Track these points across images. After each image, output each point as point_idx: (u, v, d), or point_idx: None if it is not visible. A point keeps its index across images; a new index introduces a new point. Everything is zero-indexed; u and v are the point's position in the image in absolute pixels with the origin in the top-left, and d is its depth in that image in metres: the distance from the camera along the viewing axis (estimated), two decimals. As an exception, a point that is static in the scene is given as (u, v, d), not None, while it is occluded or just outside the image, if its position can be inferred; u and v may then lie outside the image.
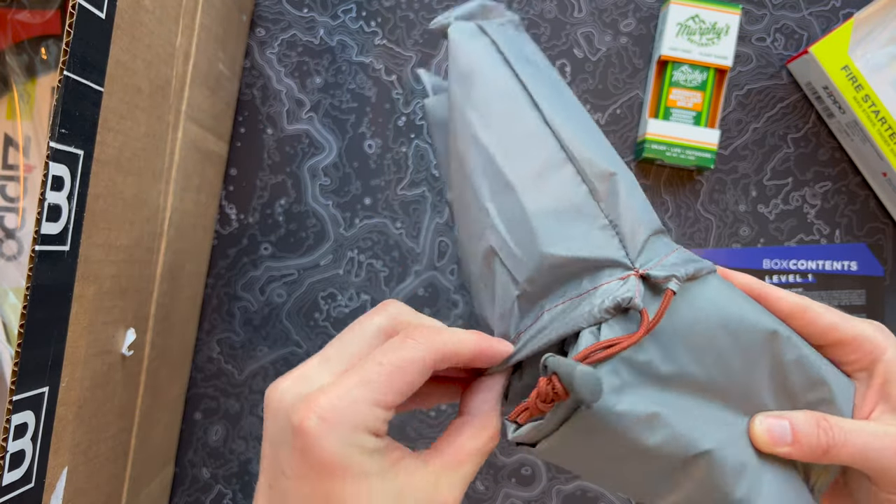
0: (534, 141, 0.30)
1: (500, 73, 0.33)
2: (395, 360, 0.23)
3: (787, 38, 0.52)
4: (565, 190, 0.29)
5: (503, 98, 0.32)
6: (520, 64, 0.33)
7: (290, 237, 0.51)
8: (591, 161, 0.29)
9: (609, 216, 0.28)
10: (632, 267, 0.27)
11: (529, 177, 0.29)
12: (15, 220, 0.43)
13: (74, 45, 0.26)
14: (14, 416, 0.26)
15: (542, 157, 0.29)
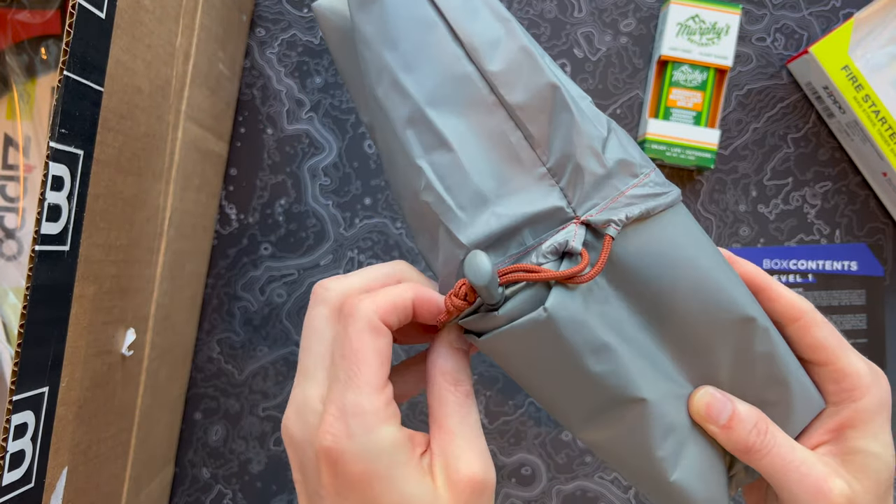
0: (461, 83, 0.26)
1: (416, 16, 0.27)
2: (352, 347, 0.24)
3: (787, 38, 0.52)
4: (501, 138, 0.26)
5: (419, 30, 0.27)
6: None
7: (290, 237, 0.51)
8: (524, 89, 0.26)
9: (547, 163, 0.26)
10: (573, 215, 0.26)
11: (463, 129, 0.26)
12: (15, 220, 0.43)
13: (74, 45, 0.26)
14: (14, 416, 0.26)
15: (471, 101, 0.26)
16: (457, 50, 0.26)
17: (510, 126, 0.26)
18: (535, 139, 0.26)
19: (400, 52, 0.27)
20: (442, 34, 0.27)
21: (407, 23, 0.27)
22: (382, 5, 0.27)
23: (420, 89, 0.27)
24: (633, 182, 0.26)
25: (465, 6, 0.27)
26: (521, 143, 0.26)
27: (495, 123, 0.26)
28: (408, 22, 0.27)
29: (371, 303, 0.24)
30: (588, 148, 0.25)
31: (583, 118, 0.26)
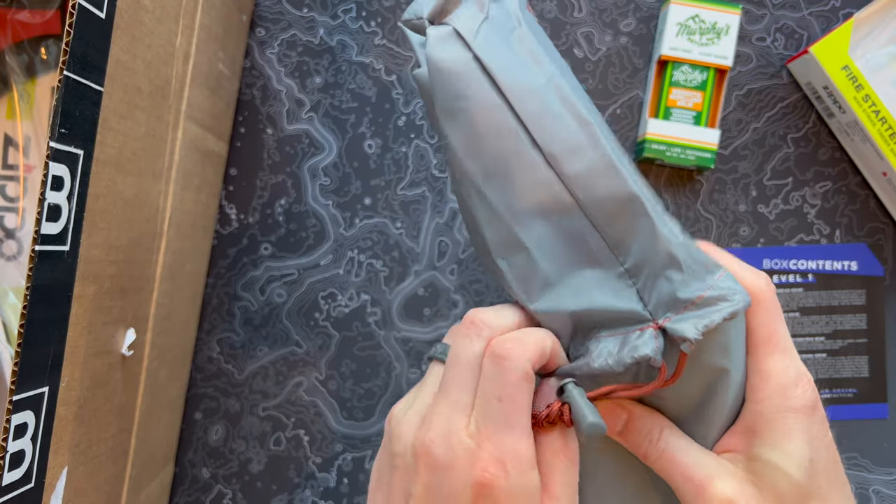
0: (540, 188, 0.27)
1: (487, 104, 0.27)
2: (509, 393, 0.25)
3: (787, 37, 0.52)
4: (580, 239, 0.27)
5: (497, 137, 0.27)
6: (512, 82, 0.27)
7: (290, 237, 0.51)
8: (604, 200, 0.26)
9: (625, 264, 0.26)
10: (650, 319, 0.26)
11: (541, 231, 0.27)
12: (15, 220, 0.43)
13: (74, 45, 0.26)
14: (14, 416, 0.26)
15: (550, 203, 0.27)
16: (536, 157, 0.27)
17: (588, 227, 0.27)
18: (612, 241, 0.26)
19: (481, 163, 0.27)
20: (522, 141, 0.27)
21: (489, 131, 0.27)
22: (468, 115, 0.27)
23: (500, 197, 0.27)
24: (706, 287, 0.26)
25: (546, 111, 0.27)
26: (600, 244, 0.27)
27: (574, 224, 0.27)
28: (489, 130, 0.27)
29: (524, 350, 0.26)
30: (667, 254, 0.26)
31: (661, 224, 0.26)
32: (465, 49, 0.27)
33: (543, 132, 0.26)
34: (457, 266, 0.51)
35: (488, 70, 0.27)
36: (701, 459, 0.27)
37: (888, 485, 0.52)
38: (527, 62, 0.27)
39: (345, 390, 0.51)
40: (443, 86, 0.28)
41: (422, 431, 0.26)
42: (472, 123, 0.27)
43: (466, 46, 0.27)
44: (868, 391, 0.52)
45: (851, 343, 0.52)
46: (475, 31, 0.27)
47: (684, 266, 0.26)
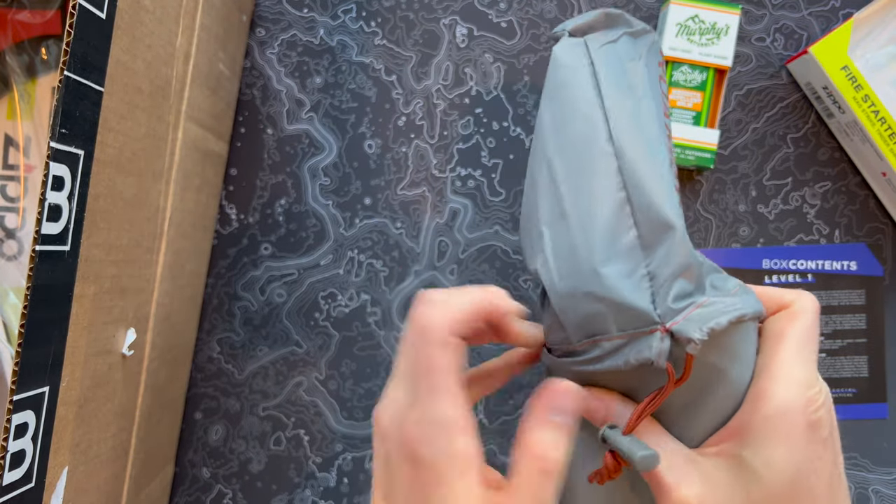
0: (600, 174, 0.29)
1: (585, 96, 0.31)
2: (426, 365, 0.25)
3: (787, 38, 0.52)
4: (617, 229, 0.28)
5: (581, 122, 0.31)
6: (611, 90, 0.31)
7: (290, 237, 0.51)
8: (649, 207, 0.28)
9: (649, 266, 0.28)
10: (659, 322, 0.27)
11: (585, 210, 0.29)
12: (15, 220, 0.43)
13: (75, 45, 0.26)
14: (14, 415, 0.26)
15: (603, 191, 0.29)
16: (607, 147, 0.30)
17: (630, 223, 0.29)
18: (645, 241, 0.28)
19: (560, 139, 0.31)
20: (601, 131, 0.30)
21: (577, 116, 0.31)
22: (566, 99, 0.32)
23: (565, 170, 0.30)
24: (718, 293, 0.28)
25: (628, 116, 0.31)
26: (635, 241, 0.28)
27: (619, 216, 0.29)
28: (578, 115, 0.31)
29: (442, 312, 0.26)
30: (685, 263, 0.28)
31: (685, 237, 0.28)
32: (586, 55, 0.32)
33: (621, 130, 0.30)
34: (457, 266, 0.51)
35: (597, 73, 0.32)
36: (673, 460, 0.27)
37: (888, 485, 0.52)
38: (626, 85, 0.32)
39: (345, 390, 0.51)
40: (555, 73, 0.33)
41: (378, 404, 0.27)
42: (567, 105, 0.32)
43: (587, 54, 0.32)
44: (867, 391, 0.52)
45: (851, 343, 0.52)
46: (599, 46, 0.33)
47: (698, 274, 0.28)
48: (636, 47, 0.34)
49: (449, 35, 0.51)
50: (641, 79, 0.32)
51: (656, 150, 0.30)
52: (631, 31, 0.34)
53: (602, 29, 0.34)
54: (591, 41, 0.33)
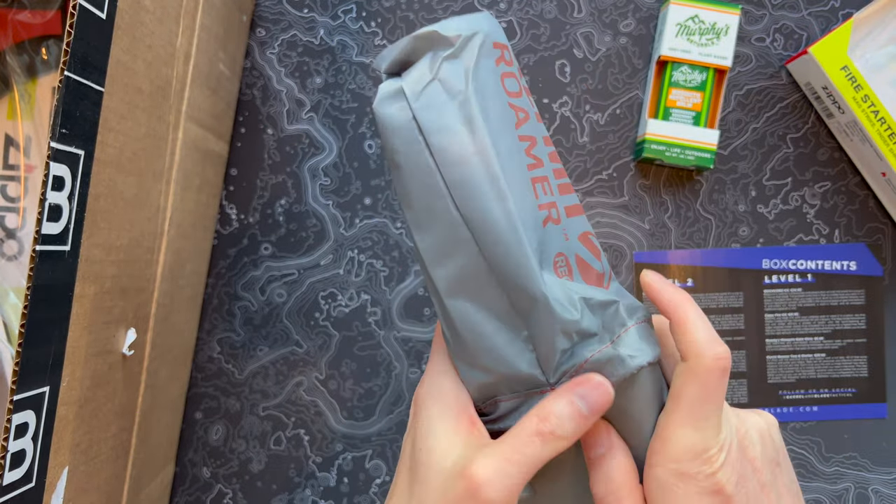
0: (459, 248, 0.28)
1: (420, 165, 0.28)
2: None
3: (787, 38, 0.52)
4: (489, 299, 0.28)
5: (427, 196, 0.28)
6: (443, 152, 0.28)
7: (290, 237, 0.51)
8: (508, 276, 0.28)
9: (530, 330, 0.28)
10: (546, 383, 0.28)
11: (456, 284, 0.29)
12: (15, 220, 0.43)
13: (75, 45, 0.27)
14: (15, 415, 0.26)
15: (465, 264, 0.28)
16: (458, 219, 0.28)
17: (499, 292, 0.28)
18: (518, 309, 0.28)
19: (413, 213, 0.29)
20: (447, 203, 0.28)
21: (420, 190, 0.29)
22: (403, 170, 0.29)
23: (426, 247, 0.29)
24: (598, 348, 0.28)
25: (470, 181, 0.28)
26: (509, 310, 0.28)
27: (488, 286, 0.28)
28: (421, 189, 0.29)
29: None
30: (560, 327, 0.27)
31: (556, 304, 0.27)
32: (407, 110, 0.29)
33: (463, 199, 0.28)
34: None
35: (424, 133, 0.28)
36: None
37: (888, 484, 0.52)
38: (460, 130, 0.28)
39: (345, 390, 0.51)
40: (386, 139, 0.29)
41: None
42: (406, 179, 0.29)
43: (409, 108, 0.29)
44: (867, 391, 0.52)
45: (850, 343, 0.52)
46: (419, 92, 0.28)
47: (580, 331, 0.27)
48: (459, 69, 0.29)
49: (449, 35, 0.51)
50: (472, 114, 0.28)
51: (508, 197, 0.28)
52: (449, 53, 0.29)
53: (420, 57, 0.29)
54: (409, 87, 0.29)
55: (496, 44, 0.29)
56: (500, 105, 0.29)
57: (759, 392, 0.52)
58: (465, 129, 0.28)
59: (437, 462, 0.27)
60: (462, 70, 0.28)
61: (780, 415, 0.52)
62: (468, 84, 0.28)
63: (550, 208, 0.29)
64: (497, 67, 0.29)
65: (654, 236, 0.52)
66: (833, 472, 0.52)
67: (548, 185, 0.29)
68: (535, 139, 0.29)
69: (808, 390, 0.52)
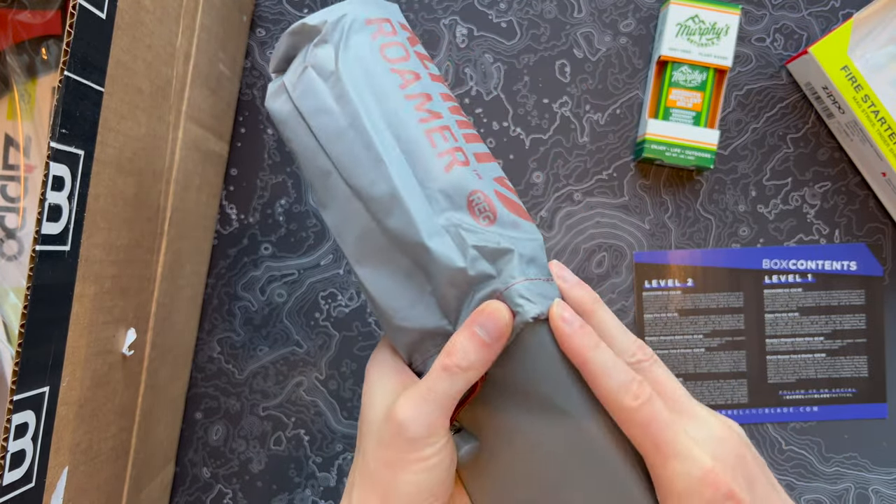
0: (354, 217, 0.30)
1: (309, 147, 0.31)
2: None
3: (787, 38, 0.52)
4: (391, 261, 0.29)
5: (320, 177, 0.31)
6: (323, 130, 0.30)
7: (290, 237, 0.51)
8: (401, 234, 0.28)
9: (432, 283, 0.29)
10: (451, 329, 0.29)
11: (359, 252, 0.30)
12: (15, 220, 0.43)
13: (75, 45, 0.27)
14: (14, 415, 0.26)
15: (362, 233, 0.30)
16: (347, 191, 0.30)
17: (398, 253, 0.29)
18: (420, 265, 0.29)
19: (316, 196, 0.32)
20: (336, 178, 0.30)
21: (313, 172, 0.31)
22: (297, 156, 0.32)
23: (332, 223, 0.31)
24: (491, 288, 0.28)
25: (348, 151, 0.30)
26: (411, 268, 0.29)
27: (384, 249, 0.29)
28: (314, 170, 0.31)
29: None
30: (448, 280, 0.28)
31: (440, 254, 0.28)
32: (289, 101, 0.31)
33: (347, 169, 0.30)
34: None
35: (305, 119, 0.30)
36: None
37: (888, 484, 0.52)
38: (333, 107, 0.30)
39: (345, 390, 0.51)
40: (279, 132, 0.32)
41: None
42: (302, 164, 0.31)
43: (290, 99, 0.31)
44: (867, 391, 0.52)
45: (851, 343, 0.52)
46: (295, 82, 0.31)
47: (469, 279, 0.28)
48: (328, 52, 0.30)
49: (449, 35, 0.51)
50: (343, 90, 0.30)
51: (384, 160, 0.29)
52: (318, 39, 0.31)
53: (299, 50, 0.32)
54: (288, 80, 0.31)
55: (369, 20, 0.31)
56: (379, 73, 0.30)
57: (759, 392, 0.52)
58: (338, 106, 0.30)
59: (375, 413, 0.29)
60: (331, 52, 0.30)
61: (780, 415, 0.52)
62: (337, 63, 0.30)
63: (454, 152, 0.29)
64: (374, 41, 0.31)
65: (654, 236, 0.52)
66: (833, 473, 0.52)
67: (449, 133, 0.30)
68: (430, 95, 0.30)
69: (809, 390, 0.52)
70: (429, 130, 0.29)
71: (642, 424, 0.26)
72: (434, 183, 0.29)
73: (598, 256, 0.52)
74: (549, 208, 0.52)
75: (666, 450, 0.26)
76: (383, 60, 0.30)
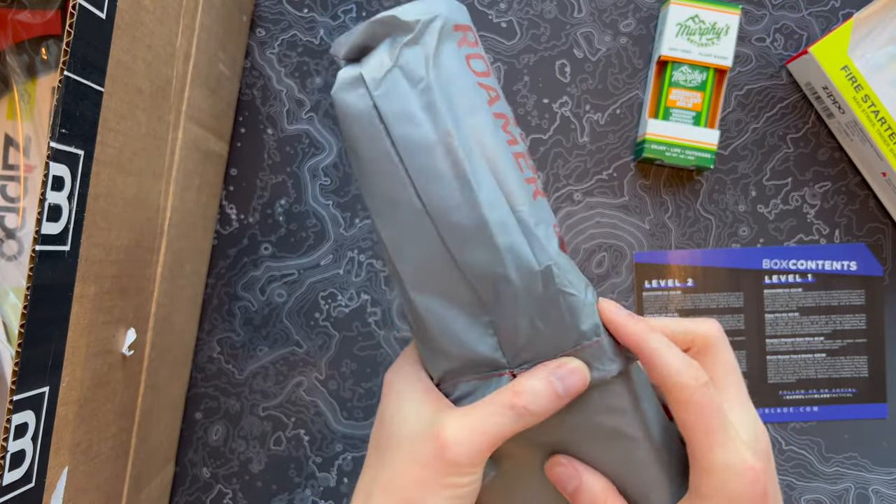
0: (420, 236, 0.28)
1: (382, 152, 0.28)
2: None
3: (787, 38, 0.52)
4: (453, 290, 0.28)
5: (388, 183, 0.28)
6: (405, 139, 0.28)
7: (290, 237, 0.51)
8: (474, 264, 0.27)
9: (490, 315, 0.28)
10: (507, 367, 0.28)
11: (420, 276, 0.28)
12: (15, 220, 0.43)
13: (75, 45, 0.27)
14: (14, 415, 0.26)
15: (429, 257, 0.28)
16: (419, 206, 0.28)
17: (461, 279, 0.28)
18: (480, 295, 0.28)
19: (373, 201, 0.29)
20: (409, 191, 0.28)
21: (381, 176, 0.28)
22: (363, 158, 0.29)
23: (388, 233, 0.29)
24: (570, 350, 0.28)
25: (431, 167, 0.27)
26: (470, 296, 0.28)
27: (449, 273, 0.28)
28: (381, 175, 0.28)
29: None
30: (525, 315, 0.27)
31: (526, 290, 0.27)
32: (367, 97, 0.28)
33: (425, 187, 0.27)
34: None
35: (385, 122, 0.28)
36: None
37: (888, 485, 0.52)
38: (420, 117, 0.27)
39: (345, 390, 0.51)
40: (346, 127, 0.29)
41: None
42: (366, 168, 0.29)
43: (369, 95, 0.28)
44: (867, 391, 0.52)
45: (851, 343, 0.52)
46: (379, 80, 0.28)
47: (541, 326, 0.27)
48: (420, 55, 0.28)
49: (449, 35, 0.51)
50: (435, 100, 0.27)
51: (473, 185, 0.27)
52: (409, 39, 0.28)
53: (379, 43, 0.29)
54: (368, 74, 0.28)
55: (457, 26, 0.28)
56: (468, 87, 0.28)
57: (759, 392, 0.52)
58: (427, 117, 0.27)
59: (409, 428, 0.28)
60: (423, 56, 0.28)
61: (780, 415, 0.52)
62: (429, 70, 0.27)
63: (535, 182, 0.28)
64: (460, 49, 0.28)
65: (654, 236, 0.52)
66: (833, 473, 0.52)
67: (525, 161, 0.28)
68: (508, 118, 0.29)
69: (809, 390, 0.52)
70: (516, 154, 0.28)
71: (698, 406, 0.26)
72: (523, 211, 0.27)
73: (598, 256, 0.52)
74: (549, 208, 0.52)
75: (715, 437, 0.26)
76: (471, 73, 0.28)
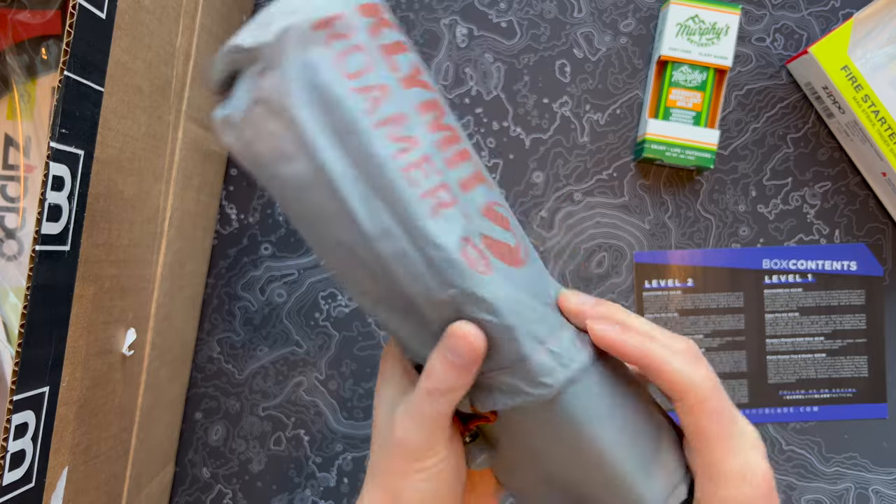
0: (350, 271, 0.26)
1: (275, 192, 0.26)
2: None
3: (787, 38, 0.52)
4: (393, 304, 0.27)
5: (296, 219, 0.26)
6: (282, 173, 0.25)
7: (290, 237, 0.51)
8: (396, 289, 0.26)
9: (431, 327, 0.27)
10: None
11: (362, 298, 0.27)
12: (15, 220, 0.43)
13: (75, 45, 0.26)
14: (14, 415, 0.26)
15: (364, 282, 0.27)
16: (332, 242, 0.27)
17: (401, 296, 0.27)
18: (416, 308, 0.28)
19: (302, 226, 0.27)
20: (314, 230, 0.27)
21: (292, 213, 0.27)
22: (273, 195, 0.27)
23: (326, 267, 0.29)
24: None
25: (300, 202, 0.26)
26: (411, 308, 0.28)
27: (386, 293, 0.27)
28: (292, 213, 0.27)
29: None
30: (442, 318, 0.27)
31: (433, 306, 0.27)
32: (239, 138, 0.25)
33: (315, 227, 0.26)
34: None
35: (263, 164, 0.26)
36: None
37: (888, 485, 0.52)
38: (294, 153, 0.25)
39: (345, 390, 0.51)
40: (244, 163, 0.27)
41: None
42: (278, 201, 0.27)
43: (239, 137, 0.25)
44: (867, 391, 0.52)
45: (851, 343, 0.52)
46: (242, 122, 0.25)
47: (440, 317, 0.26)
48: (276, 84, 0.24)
49: (449, 35, 0.51)
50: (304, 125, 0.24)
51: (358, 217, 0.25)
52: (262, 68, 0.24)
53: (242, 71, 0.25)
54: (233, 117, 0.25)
55: (317, 24, 0.25)
56: (341, 98, 0.25)
57: (759, 392, 0.52)
58: (300, 152, 0.25)
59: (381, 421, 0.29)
60: (281, 82, 0.24)
61: (780, 415, 0.52)
62: (291, 97, 0.24)
63: (438, 191, 0.25)
64: (329, 50, 0.25)
65: (654, 236, 0.52)
66: (833, 473, 0.52)
67: (429, 165, 0.25)
68: (403, 115, 0.25)
69: (809, 390, 0.52)
70: (406, 168, 0.25)
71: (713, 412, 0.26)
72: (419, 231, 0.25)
73: (598, 256, 0.52)
74: (549, 208, 0.52)
75: (730, 444, 0.26)
76: (342, 78, 0.25)
